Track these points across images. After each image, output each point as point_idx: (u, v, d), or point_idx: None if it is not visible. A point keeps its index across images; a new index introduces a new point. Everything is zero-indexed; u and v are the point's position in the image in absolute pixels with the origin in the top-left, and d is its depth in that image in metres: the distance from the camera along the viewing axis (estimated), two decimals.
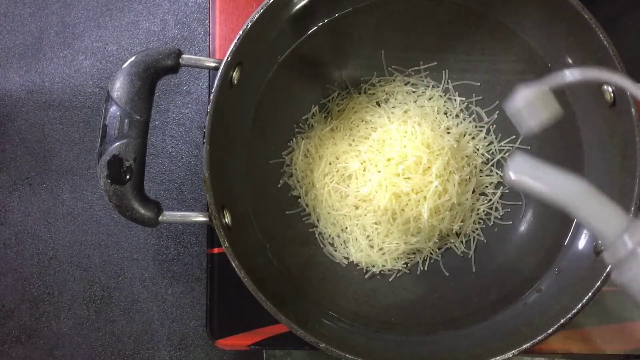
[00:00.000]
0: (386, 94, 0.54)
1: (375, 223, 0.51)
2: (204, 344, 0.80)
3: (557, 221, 0.49)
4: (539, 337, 0.41)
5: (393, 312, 0.51)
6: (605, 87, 0.43)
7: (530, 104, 0.33)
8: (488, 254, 0.52)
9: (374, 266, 0.52)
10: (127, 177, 0.41)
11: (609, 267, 0.41)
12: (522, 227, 0.51)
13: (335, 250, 0.52)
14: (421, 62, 0.54)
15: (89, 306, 0.81)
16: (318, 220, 0.53)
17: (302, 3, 0.46)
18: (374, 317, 0.49)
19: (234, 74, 0.44)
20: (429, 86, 0.54)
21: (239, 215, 0.46)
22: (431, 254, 0.52)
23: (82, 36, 0.83)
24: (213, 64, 0.43)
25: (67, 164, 0.82)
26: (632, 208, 0.41)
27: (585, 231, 0.46)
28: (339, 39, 0.52)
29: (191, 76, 0.80)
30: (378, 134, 0.51)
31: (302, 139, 0.53)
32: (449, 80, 0.54)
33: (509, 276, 0.50)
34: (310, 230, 0.53)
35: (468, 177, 0.52)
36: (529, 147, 0.52)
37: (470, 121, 0.54)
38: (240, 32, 0.42)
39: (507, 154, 0.53)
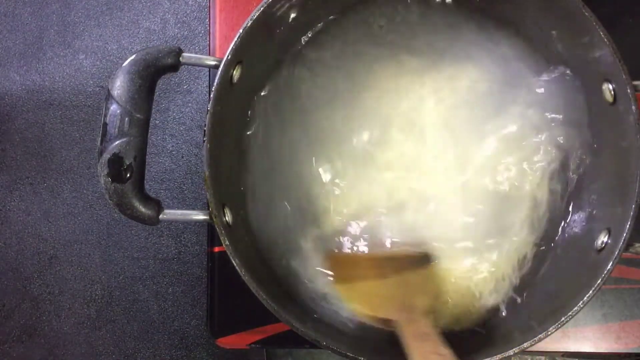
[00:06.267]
0: None
1: None
2: (204, 343, 0.80)
3: (557, 219, 0.49)
4: (539, 337, 0.41)
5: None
6: (605, 84, 0.43)
7: None
8: None
9: None
10: (128, 175, 0.41)
11: (610, 265, 0.41)
12: None
13: None
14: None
15: (90, 305, 0.81)
16: None
17: (302, 2, 0.46)
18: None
19: (234, 72, 0.44)
20: None
21: (240, 214, 0.46)
22: None
23: (83, 35, 0.83)
24: (213, 62, 0.43)
25: (67, 163, 0.82)
26: (632, 207, 0.41)
27: (586, 229, 0.46)
28: (340, 38, 0.52)
29: (191, 75, 0.80)
30: None
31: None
32: None
33: None
34: None
35: None
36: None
37: None
38: (241, 31, 0.42)
39: None
